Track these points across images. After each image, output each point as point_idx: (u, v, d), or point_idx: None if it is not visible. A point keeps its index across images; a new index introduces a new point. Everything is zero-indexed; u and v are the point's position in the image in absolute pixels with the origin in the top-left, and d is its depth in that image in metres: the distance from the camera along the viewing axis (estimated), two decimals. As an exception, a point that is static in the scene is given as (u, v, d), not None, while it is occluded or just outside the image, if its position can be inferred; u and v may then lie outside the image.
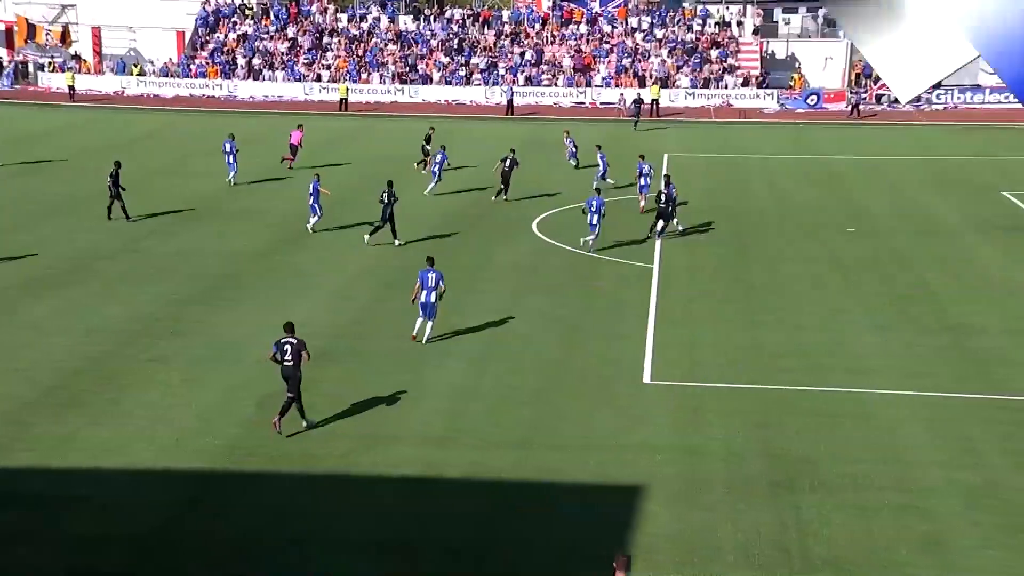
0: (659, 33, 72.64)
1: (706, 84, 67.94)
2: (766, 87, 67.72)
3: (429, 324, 23.38)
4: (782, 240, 33.00)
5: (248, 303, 26.49)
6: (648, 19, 74.00)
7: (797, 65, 71.98)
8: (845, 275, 29.06)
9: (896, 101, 66.08)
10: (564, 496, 16.82)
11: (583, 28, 73.77)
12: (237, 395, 20.58)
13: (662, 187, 33.37)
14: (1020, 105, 61.92)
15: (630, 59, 70.38)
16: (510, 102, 63.72)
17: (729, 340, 23.88)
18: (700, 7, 75.51)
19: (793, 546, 15.20)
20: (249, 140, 47.01)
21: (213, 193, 39.86)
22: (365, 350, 22.98)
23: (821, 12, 78.00)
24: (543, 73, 69.68)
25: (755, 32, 71.82)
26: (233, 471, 17.54)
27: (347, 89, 66.31)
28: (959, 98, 65.25)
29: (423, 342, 23.23)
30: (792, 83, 68.69)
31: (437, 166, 39.43)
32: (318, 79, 70.63)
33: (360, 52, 72.79)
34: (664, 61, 69.90)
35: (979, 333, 24.08)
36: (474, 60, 71.27)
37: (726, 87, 67.62)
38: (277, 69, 71.54)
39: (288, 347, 18.84)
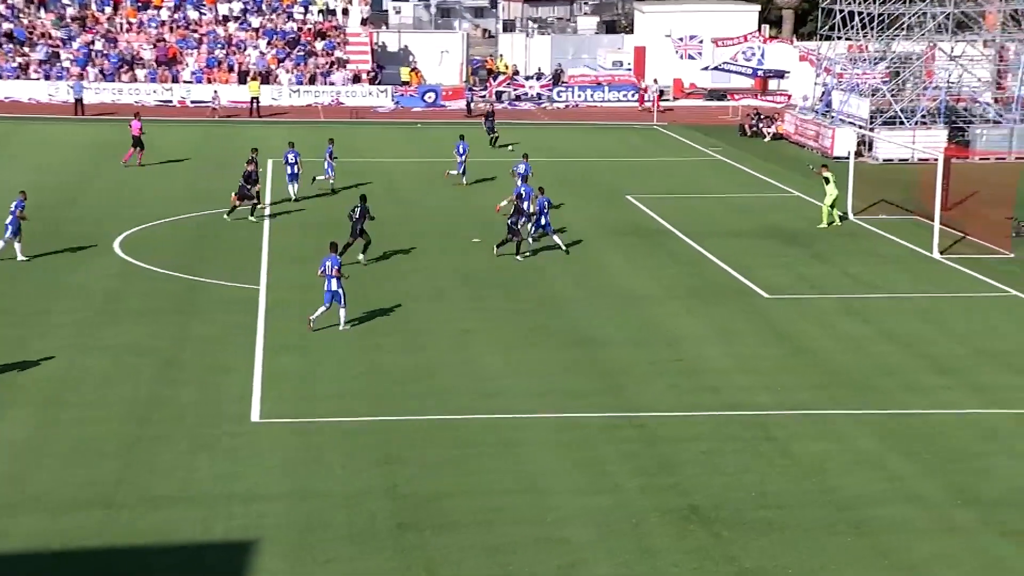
0: (255, 21, 72.22)
1: (312, 80, 68.32)
2: (380, 83, 69.10)
3: (325, 309, 25.73)
4: (403, 252, 33.74)
5: None
6: (241, 5, 73.35)
7: (411, 59, 74.03)
8: (471, 289, 30.18)
9: (518, 98, 69.55)
10: (160, 560, 16.32)
11: (165, 14, 71.94)
12: None
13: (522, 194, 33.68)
14: (636, 105, 66.66)
15: (223, 51, 69.45)
16: (79, 100, 61.01)
17: (348, 367, 24.13)
18: (302, -8, 75.83)
19: (425, 593, 15.56)
20: None
21: None
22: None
23: (434, 1, 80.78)
24: (119, 66, 67.19)
25: (363, 22, 73.12)
26: None
27: None
28: (580, 95, 69.70)
29: (342, 327, 25.84)
30: (408, 79, 70.53)
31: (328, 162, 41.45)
32: None
33: None
34: (263, 54, 69.59)
35: (608, 346, 25.81)
36: (30, 50, 67.50)
37: (334, 83, 68.36)
38: None
39: None
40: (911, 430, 21.20)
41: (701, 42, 72.70)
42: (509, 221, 32.93)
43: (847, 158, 41.72)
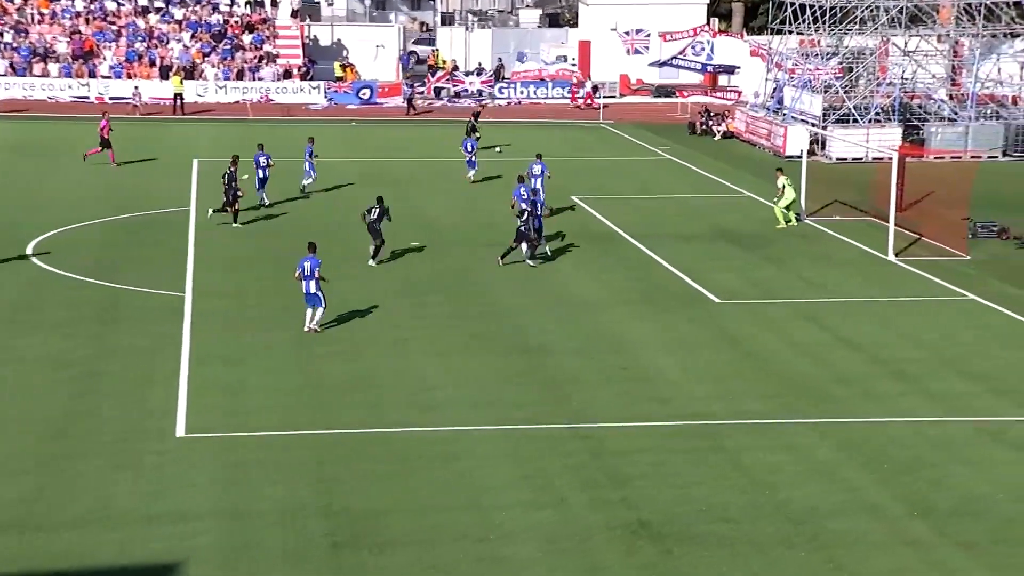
0: (178, 13, 71.68)
1: (240, 75, 67.93)
2: (312, 79, 68.85)
3: (312, 312, 26.50)
4: (337, 257, 33.63)
5: None
6: (164, -5, 72.82)
7: (345, 54, 73.82)
8: (410, 295, 30.15)
9: (458, 95, 69.52)
10: (81, 586, 16.16)
11: (80, 4, 71.15)
12: None
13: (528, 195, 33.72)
14: (580, 103, 66.66)
15: (144, 44, 68.87)
16: (-13, 95, 60.34)
17: (282, 379, 24.05)
18: (229, -17, 75.40)
19: (362, 615, 15.55)
20: None
21: None
22: None
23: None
24: (31, 60, 66.34)
25: (294, 14, 72.80)
26: None
27: None
28: (522, 92, 69.87)
29: (308, 328, 26.52)
30: (342, 75, 70.30)
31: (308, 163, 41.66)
32: None
33: None
34: (187, 47, 69.11)
35: (554, 355, 25.91)
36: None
37: (263, 79, 68.02)
38: None
39: None
40: (867, 439, 21.48)
41: (648, 36, 73.14)
42: (521, 227, 32.86)
43: (800, 157, 42.17)
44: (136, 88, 62.61)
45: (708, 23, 73.64)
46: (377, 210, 32.66)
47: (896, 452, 20.95)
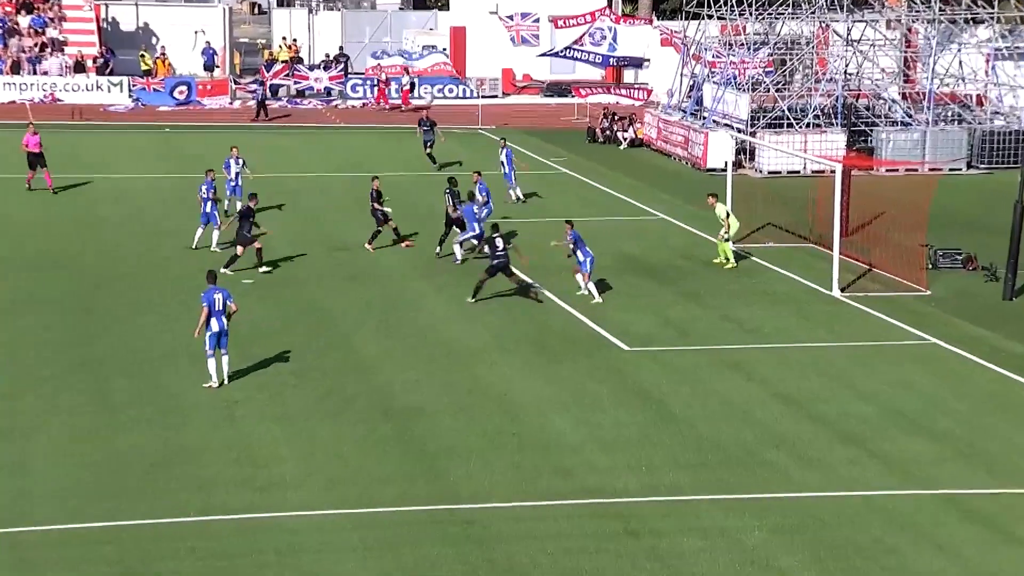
0: (-68, -12, 70.78)
1: (16, 68, 67.03)
2: (111, 74, 68.18)
3: (225, 358, 27.03)
4: (149, 298, 33.26)
5: None
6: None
7: (155, 42, 73.22)
8: (241, 345, 29.86)
9: (301, 94, 69.34)
10: None
11: None
12: None
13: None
14: (459, 101, 66.90)
15: None
16: None
17: (75, 455, 23.72)
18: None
19: None
20: None
21: None
22: None
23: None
24: None
25: (87, -8, 72.19)
26: None
27: None
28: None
29: (227, 381, 26.99)
30: (150, 68, 69.70)
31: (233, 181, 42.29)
32: None
33: None
34: (-54, 32, 68.14)
35: (426, 417, 25.91)
36: None
37: (48, 73, 67.25)
38: None
39: None
40: (808, 518, 21.77)
41: (537, 21, 73.77)
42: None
43: (724, 170, 42.76)
44: None
45: (610, 5, 74.47)
46: (449, 192, 36.65)
47: (845, 534, 21.25)
